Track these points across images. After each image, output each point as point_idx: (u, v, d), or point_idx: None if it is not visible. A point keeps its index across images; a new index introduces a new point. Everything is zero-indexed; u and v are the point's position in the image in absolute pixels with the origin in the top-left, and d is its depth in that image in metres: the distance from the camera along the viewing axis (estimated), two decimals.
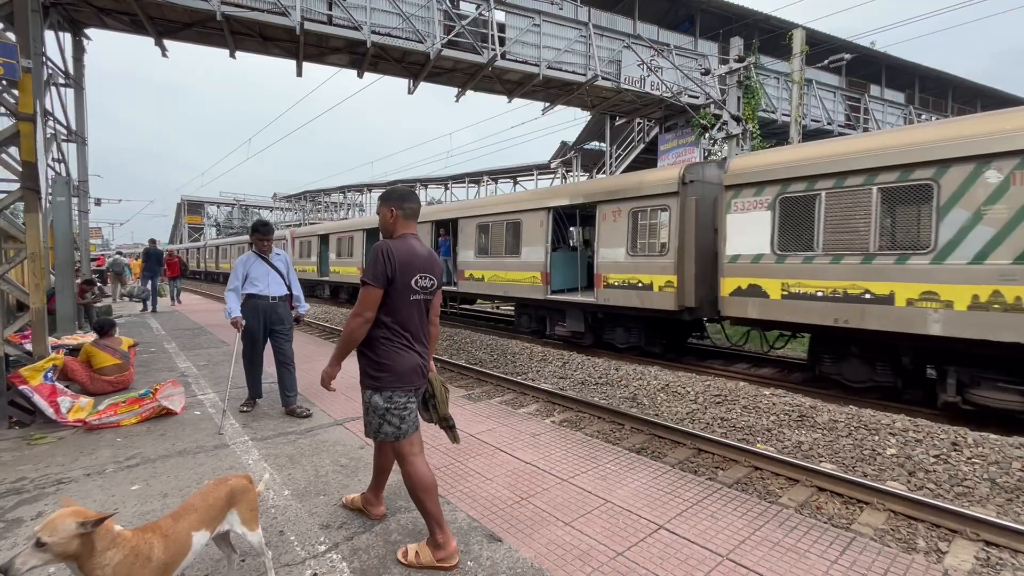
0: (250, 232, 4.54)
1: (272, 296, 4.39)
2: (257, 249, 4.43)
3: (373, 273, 2.18)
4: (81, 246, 10.71)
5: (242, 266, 4.38)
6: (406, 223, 2.36)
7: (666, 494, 2.93)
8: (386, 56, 11.90)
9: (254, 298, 4.35)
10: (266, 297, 4.37)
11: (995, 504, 3.46)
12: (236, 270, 4.37)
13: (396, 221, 2.34)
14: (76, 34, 10.40)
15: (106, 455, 3.50)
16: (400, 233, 2.34)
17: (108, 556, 1.48)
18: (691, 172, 7.58)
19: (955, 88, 23.41)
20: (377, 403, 2.24)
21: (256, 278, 4.35)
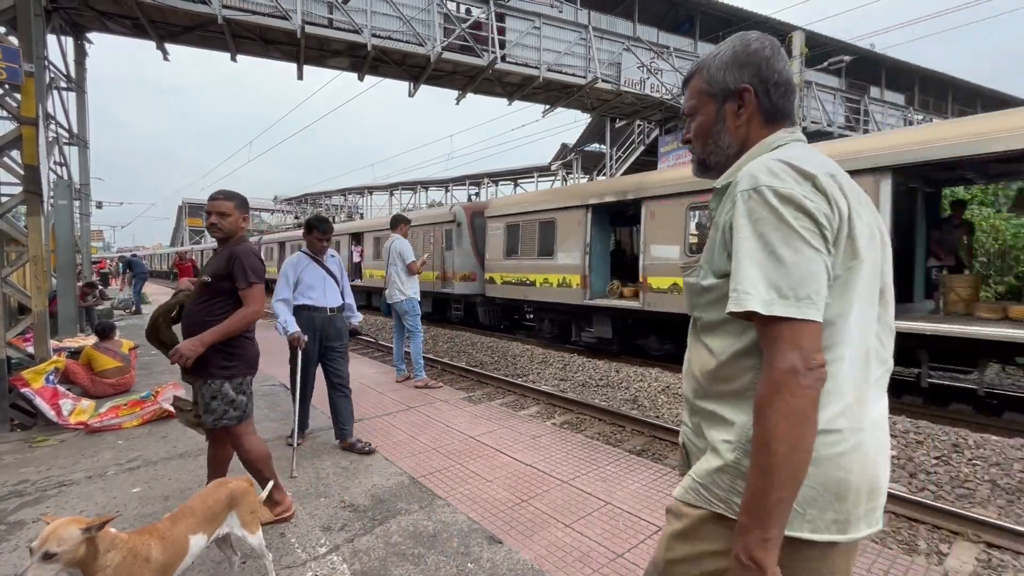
0: (304, 229, 3.79)
1: (330, 308, 3.70)
2: (312, 250, 3.74)
3: (260, 274, 2.51)
4: (83, 249, 10.74)
5: (292, 270, 3.63)
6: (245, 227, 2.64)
7: (666, 496, 2.93)
8: (387, 59, 11.93)
9: (308, 311, 3.63)
10: (323, 309, 3.66)
11: (996, 506, 3.45)
12: (285, 276, 3.62)
13: (243, 227, 2.62)
14: (78, 38, 10.44)
15: (107, 457, 3.51)
16: (239, 236, 2.58)
17: (109, 558, 1.50)
18: None
19: (955, 90, 23.42)
20: (227, 391, 2.45)
21: (310, 285, 3.65)
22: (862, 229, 0.88)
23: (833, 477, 0.85)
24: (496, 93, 14.07)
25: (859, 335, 0.88)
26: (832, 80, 18.66)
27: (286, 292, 3.58)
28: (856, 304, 0.87)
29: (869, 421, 0.89)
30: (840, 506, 0.85)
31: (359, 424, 4.22)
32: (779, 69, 1.04)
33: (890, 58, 20.07)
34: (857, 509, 0.87)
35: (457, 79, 13.22)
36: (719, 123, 1.06)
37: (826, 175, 0.87)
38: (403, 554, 2.34)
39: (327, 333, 3.70)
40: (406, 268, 5.53)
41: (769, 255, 0.82)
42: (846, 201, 0.86)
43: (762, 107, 1.03)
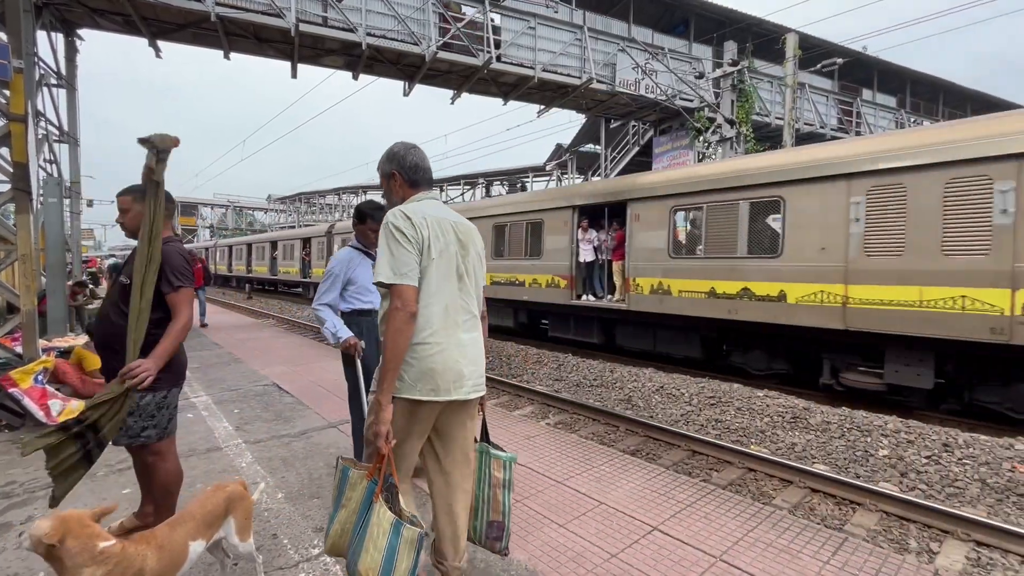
0: (355, 218, 3.15)
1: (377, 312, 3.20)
2: (364, 244, 3.14)
3: (187, 276, 2.23)
4: (73, 248, 10.63)
5: (342, 268, 3.02)
6: (166, 223, 2.29)
7: (660, 496, 2.94)
8: (381, 58, 11.89)
9: (366, 315, 3.06)
10: (374, 313, 3.04)
11: (985, 505, 3.49)
12: (332, 274, 3.02)
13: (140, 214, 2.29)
14: (69, 34, 10.33)
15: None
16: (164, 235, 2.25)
17: (87, 573, 1.44)
18: None
19: (945, 93, 23.66)
20: (147, 406, 2.17)
21: (367, 284, 3.07)
22: (436, 245, 1.71)
23: (428, 367, 1.68)
24: (491, 93, 14.06)
25: (440, 296, 1.72)
26: (825, 82, 18.80)
27: (332, 295, 3.00)
28: (435, 281, 1.71)
29: (455, 340, 1.74)
30: (433, 382, 1.69)
31: (349, 426, 4.20)
32: (410, 160, 1.88)
33: (882, 61, 20.24)
34: (446, 384, 1.70)
35: (452, 79, 13.20)
36: (391, 189, 1.92)
37: (420, 216, 1.71)
38: None
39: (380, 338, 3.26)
40: None
41: (388, 253, 1.67)
42: (428, 231, 1.70)
43: (405, 180, 1.87)
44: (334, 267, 3.03)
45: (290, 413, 4.49)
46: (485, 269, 1.96)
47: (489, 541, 2.01)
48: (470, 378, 1.77)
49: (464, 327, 1.78)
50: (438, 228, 1.74)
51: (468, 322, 1.80)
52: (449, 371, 1.71)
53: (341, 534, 1.67)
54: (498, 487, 1.99)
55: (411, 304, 1.62)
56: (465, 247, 1.82)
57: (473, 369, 1.79)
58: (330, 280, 3.01)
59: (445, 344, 1.71)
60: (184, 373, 2.42)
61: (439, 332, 1.71)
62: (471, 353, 1.79)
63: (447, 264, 1.75)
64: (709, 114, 14.53)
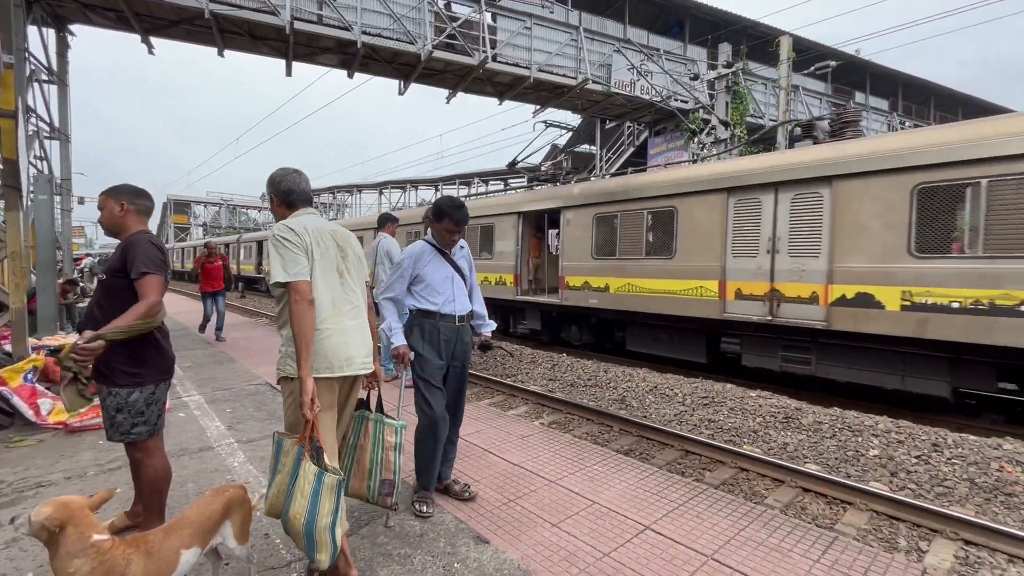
0: (432, 215, 2.85)
1: (459, 316, 2.82)
2: (440, 242, 2.86)
3: (156, 263, 2.21)
4: (64, 245, 10.53)
5: (412, 263, 2.79)
6: (138, 219, 2.35)
7: (653, 495, 2.95)
8: (376, 57, 11.86)
9: (431, 318, 2.76)
10: (450, 317, 2.79)
11: (974, 504, 3.53)
12: (401, 268, 2.80)
13: (127, 217, 2.32)
14: (60, 30, 10.24)
15: (87, 458, 3.44)
16: (134, 230, 2.31)
17: (75, 564, 1.43)
18: None
19: (936, 96, 23.91)
20: (136, 402, 2.22)
21: (435, 285, 2.78)
22: (318, 249, 2.04)
23: (322, 349, 1.99)
24: (487, 92, 14.06)
25: (326, 291, 2.05)
26: (818, 84, 18.92)
27: (399, 288, 2.79)
28: (320, 278, 2.03)
29: (342, 327, 2.08)
30: (328, 361, 2.02)
31: None
32: (283, 186, 2.18)
33: (874, 64, 20.43)
34: (339, 363, 2.05)
35: (448, 78, 13.18)
36: (272, 209, 2.25)
37: (301, 227, 2.03)
38: (389, 554, 2.33)
39: (455, 349, 2.82)
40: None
41: (279, 258, 1.96)
42: (309, 238, 2.02)
43: (281, 202, 2.20)
44: (404, 259, 2.82)
45: (282, 411, 4.47)
46: (366, 268, 2.35)
47: (381, 497, 2.36)
48: (358, 357, 2.15)
49: (349, 315, 2.14)
50: (318, 236, 2.09)
51: (352, 311, 2.16)
52: (339, 352, 2.06)
53: (277, 495, 1.92)
54: (390, 450, 2.35)
55: (307, 294, 1.94)
56: (343, 250, 2.19)
57: (360, 350, 2.16)
58: (397, 272, 2.81)
59: (334, 330, 2.06)
60: (171, 369, 2.41)
61: (328, 320, 2.04)
62: (357, 337, 2.15)
63: (328, 264, 2.10)
64: (704, 115, 14.58)
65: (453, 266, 2.88)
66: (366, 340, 2.20)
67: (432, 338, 2.76)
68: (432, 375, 2.74)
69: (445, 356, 2.79)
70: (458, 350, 2.84)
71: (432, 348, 2.75)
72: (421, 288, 2.80)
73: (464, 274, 2.93)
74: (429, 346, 2.74)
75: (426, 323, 2.78)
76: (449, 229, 2.81)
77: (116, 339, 2.07)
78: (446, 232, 2.82)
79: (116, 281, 2.22)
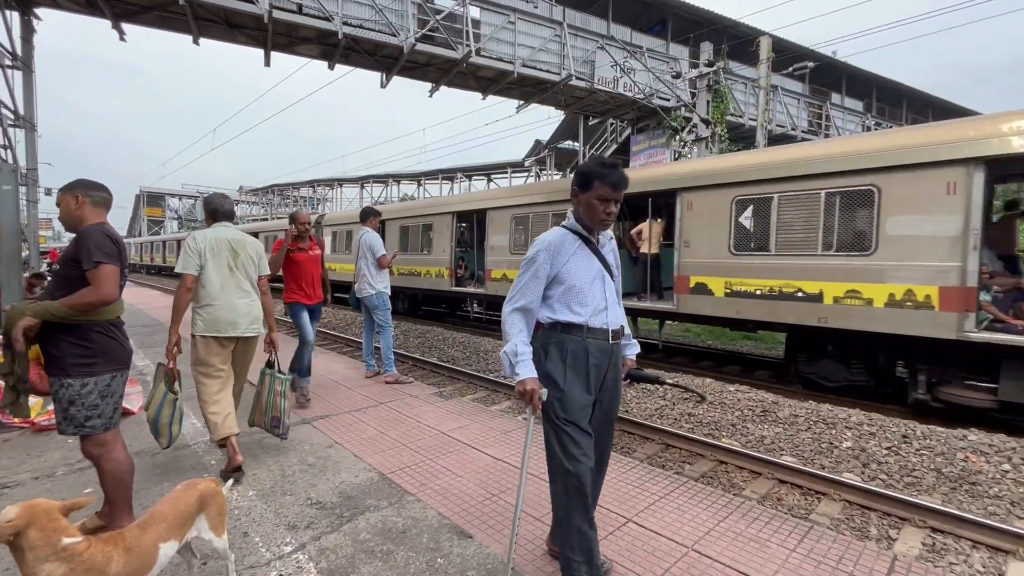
0: (577, 183, 2.01)
1: (613, 331, 2.04)
2: (590, 220, 2.02)
3: (110, 254, 2.18)
4: (30, 238, 10.16)
5: (549, 256, 1.99)
6: (95, 211, 2.31)
7: (634, 488, 2.99)
8: (358, 48, 11.67)
9: (575, 333, 1.99)
10: (603, 333, 2.01)
11: (940, 493, 3.66)
12: (535, 266, 1.98)
13: (83, 209, 2.28)
14: (25, 13, 9.84)
15: (56, 457, 3.34)
16: (93, 222, 2.28)
17: (46, 568, 1.39)
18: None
19: (909, 98, 24.58)
20: (89, 394, 2.19)
21: (581, 287, 1.99)
22: (210, 252, 3.11)
23: (212, 317, 3.09)
24: (470, 87, 13.97)
25: (216, 279, 3.12)
26: (796, 85, 19.28)
27: (530, 295, 1.96)
28: (212, 270, 3.11)
29: (229, 303, 3.13)
30: (216, 327, 3.10)
31: (326, 420, 4.14)
32: (208, 208, 3.32)
33: (850, 66, 20.89)
34: (224, 327, 3.11)
35: (431, 71, 13.06)
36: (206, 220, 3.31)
37: (202, 236, 3.12)
38: (371, 551, 2.31)
39: (604, 378, 2.02)
40: (376, 262, 5.44)
41: (183, 256, 3.05)
42: (204, 244, 3.10)
43: (209, 216, 3.30)
44: (537, 252, 1.97)
45: None
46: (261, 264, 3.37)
47: (271, 428, 3.36)
48: (242, 324, 3.18)
49: (236, 296, 3.17)
50: (213, 243, 3.14)
51: (238, 293, 3.19)
52: (224, 320, 3.12)
53: (148, 407, 2.92)
54: (278, 396, 3.35)
55: (188, 283, 3.05)
56: (236, 252, 3.21)
57: (244, 319, 3.19)
58: (529, 272, 1.97)
59: (221, 305, 3.11)
60: (128, 361, 2.38)
61: (218, 298, 3.11)
62: (242, 310, 3.18)
63: (220, 261, 3.15)
64: (685, 114, 14.74)
65: (602, 261, 2.05)
66: (251, 312, 3.24)
67: (577, 362, 1.95)
68: (576, 415, 1.91)
69: (593, 387, 1.97)
70: (609, 379, 2.03)
71: (577, 377, 1.94)
72: (561, 292, 1.98)
73: (613, 272, 2.11)
74: (572, 373, 1.94)
75: (568, 341, 1.96)
76: (604, 197, 1.92)
77: (48, 318, 2.08)
78: (599, 204, 1.93)
79: (70, 271, 2.19)
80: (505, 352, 1.92)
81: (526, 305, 1.97)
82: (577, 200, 2.02)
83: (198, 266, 3.05)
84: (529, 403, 1.87)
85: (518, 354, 1.89)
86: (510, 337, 1.93)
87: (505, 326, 1.97)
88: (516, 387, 1.88)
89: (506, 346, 1.92)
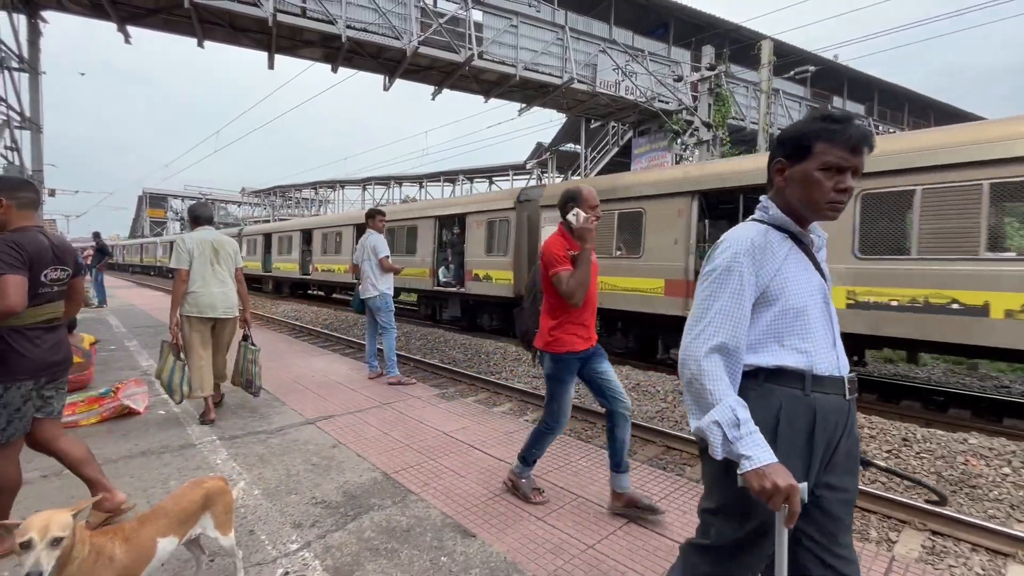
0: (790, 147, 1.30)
1: (848, 377, 1.30)
2: (806, 207, 1.30)
3: (11, 263, 2.04)
4: None
5: (750, 263, 1.26)
6: (22, 214, 2.18)
7: (637, 489, 3.01)
8: (361, 51, 11.76)
9: (793, 383, 1.25)
10: (835, 384, 1.27)
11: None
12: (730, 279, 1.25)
13: (9, 213, 2.15)
14: (32, 16, 9.93)
15: None
16: (17, 226, 2.16)
17: (78, 549, 1.46)
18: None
19: (910, 102, 24.61)
20: None
21: (801, 313, 1.27)
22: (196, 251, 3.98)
23: (195, 301, 3.97)
24: (472, 90, 14.04)
25: (200, 273, 3.97)
26: (798, 89, 19.33)
27: (733, 325, 1.24)
28: (198, 267, 3.98)
29: (208, 291, 4.00)
30: (199, 308, 3.99)
31: (330, 421, 4.18)
32: (192, 215, 4.25)
33: (851, 70, 20.93)
34: (205, 309, 4.00)
35: (433, 74, 13.13)
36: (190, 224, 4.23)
37: (190, 238, 4.00)
38: (376, 549, 2.34)
39: (835, 449, 1.29)
40: (379, 264, 5.47)
41: (175, 254, 3.99)
42: (192, 244, 3.97)
43: (192, 221, 4.24)
44: (735, 258, 1.26)
45: (266, 410, 4.43)
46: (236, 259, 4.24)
47: (246, 387, 4.32)
48: (220, 307, 4.04)
49: (215, 286, 4.02)
50: (200, 243, 3.98)
51: (217, 283, 4.04)
52: (205, 303, 3.96)
53: (161, 371, 3.84)
54: (251, 363, 4.29)
55: (183, 276, 3.89)
56: (216, 251, 4.05)
57: (222, 304, 4.05)
58: (726, 289, 1.26)
59: (203, 292, 3.96)
60: (33, 372, 2.21)
61: (200, 286, 3.95)
62: (219, 297, 4.03)
63: (204, 258, 3.98)
64: (687, 117, 14.79)
65: (819, 272, 1.35)
66: (227, 299, 4.10)
67: (795, 434, 1.23)
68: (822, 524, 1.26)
69: (815, 470, 1.25)
70: (842, 452, 1.30)
71: (793, 456, 1.21)
72: (771, 319, 1.27)
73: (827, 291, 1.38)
74: (787, 450, 1.20)
75: (780, 397, 1.25)
76: (836, 165, 1.23)
77: None
78: (825, 179, 1.24)
79: None
80: (716, 421, 1.16)
81: (727, 343, 1.22)
82: (783, 177, 1.32)
83: (188, 261, 3.91)
84: (773, 504, 1.09)
85: (741, 423, 1.14)
86: (713, 395, 1.18)
87: (696, 375, 1.22)
88: (749, 479, 1.11)
89: (714, 411, 1.17)
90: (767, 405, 1.24)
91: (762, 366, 1.27)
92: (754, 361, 1.28)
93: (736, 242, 1.29)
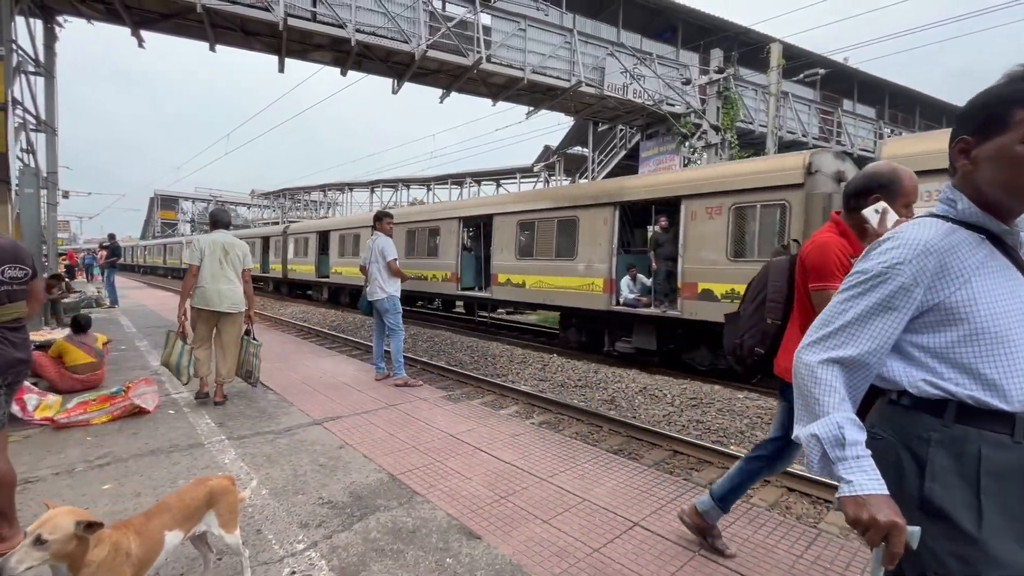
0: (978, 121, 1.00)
1: None
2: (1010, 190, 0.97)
3: None
4: (48, 240, 10.37)
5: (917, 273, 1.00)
6: None
7: (642, 493, 3.00)
8: (370, 55, 11.85)
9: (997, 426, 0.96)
10: None
11: None
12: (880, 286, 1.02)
13: None
14: (48, 21, 10.10)
15: (75, 454, 3.41)
16: None
17: (95, 554, 1.48)
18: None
19: (922, 105, 24.35)
20: None
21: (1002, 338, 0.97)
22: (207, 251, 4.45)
23: (202, 295, 4.40)
24: (480, 93, 14.09)
25: (208, 270, 4.42)
26: (807, 92, 19.20)
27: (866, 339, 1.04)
28: (207, 264, 4.43)
29: (215, 287, 4.41)
30: (204, 301, 4.40)
31: (336, 422, 4.20)
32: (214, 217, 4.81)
33: (862, 72, 20.76)
34: (209, 303, 4.40)
35: (441, 78, 13.20)
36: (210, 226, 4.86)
37: (202, 239, 4.52)
38: (382, 550, 2.35)
39: None
40: (387, 266, 5.50)
41: (187, 252, 4.82)
42: (204, 245, 4.45)
43: (210, 223, 4.82)
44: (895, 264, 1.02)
45: (274, 410, 4.46)
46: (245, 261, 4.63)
47: (246, 378, 4.74)
48: (223, 303, 4.39)
49: (222, 283, 4.40)
50: (211, 244, 4.43)
51: (224, 280, 4.42)
52: (210, 297, 4.36)
53: (169, 357, 4.35)
54: (252, 356, 4.69)
55: (192, 271, 4.35)
56: (226, 251, 4.46)
57: (226, 299, 4.41)
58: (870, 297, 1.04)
59: (209, 288, 4.36)
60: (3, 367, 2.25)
61: (207, 282, 4.36)
62: (225, 292, 4.41)
63: (213, 258, 4.40)
64: (695, 120, 14.75)
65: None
66: (233, 295, 4.46)
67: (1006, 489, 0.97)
68: None
69: None
70: None
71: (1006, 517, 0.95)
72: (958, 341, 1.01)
73: None
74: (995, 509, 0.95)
75: (978, 443, 0.98)
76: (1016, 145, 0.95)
77: None
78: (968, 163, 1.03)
79: None
80: (815, 435, 1.01)
81: (854, 357, 1.05)
82: (970, 160, 1.03)
83: (200, 258, 4.40)
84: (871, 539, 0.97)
85: (846, 443, 0.98)
86: (821, 406, 1.03)
87: (805, 380, 1.07)
88: (845, 506, 0.97)
89: (816, 424, 1.02)
90: (959, 448, 0.99)
91: (953, 397, 1.00)
92: (943, 388, 1.01)
93: (904, 244, 1.02)
